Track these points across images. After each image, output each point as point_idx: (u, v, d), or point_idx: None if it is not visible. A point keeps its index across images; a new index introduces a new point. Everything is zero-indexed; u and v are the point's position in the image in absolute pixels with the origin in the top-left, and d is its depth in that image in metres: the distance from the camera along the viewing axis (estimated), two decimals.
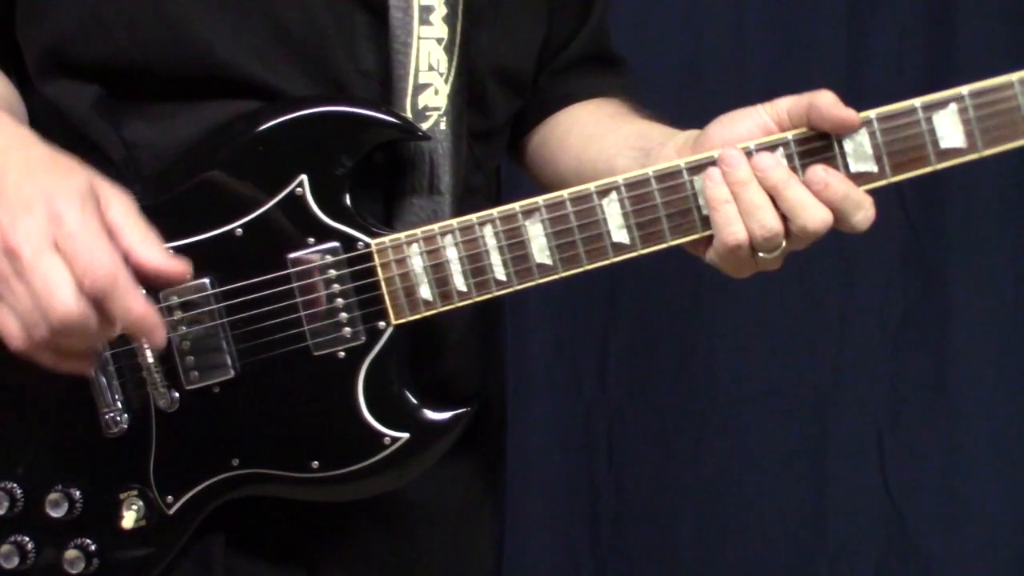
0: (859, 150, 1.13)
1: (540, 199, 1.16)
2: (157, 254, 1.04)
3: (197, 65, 1.17)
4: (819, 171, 1.12)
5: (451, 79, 1.21)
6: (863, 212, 1.13)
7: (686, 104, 2.39)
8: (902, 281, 2.42)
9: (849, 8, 2.37)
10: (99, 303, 1.01)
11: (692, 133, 1.21)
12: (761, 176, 1.11)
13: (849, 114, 1.12)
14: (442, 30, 1.20)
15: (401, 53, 1.20)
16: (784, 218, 1.12)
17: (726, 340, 2.46)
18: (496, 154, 1.37)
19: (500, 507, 1.46)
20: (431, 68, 1.20)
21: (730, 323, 2.46)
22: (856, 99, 2.52)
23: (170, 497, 1.17)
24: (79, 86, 1.19)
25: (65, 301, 0.99)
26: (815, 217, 1.11)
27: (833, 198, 1.11)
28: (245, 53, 1.17)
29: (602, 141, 1.32)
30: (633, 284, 2.45)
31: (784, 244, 1.13)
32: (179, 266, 1.06)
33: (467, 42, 1.22)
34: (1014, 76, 1.13)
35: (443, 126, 1.21)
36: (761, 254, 1.13)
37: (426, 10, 1.20)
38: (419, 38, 1.20)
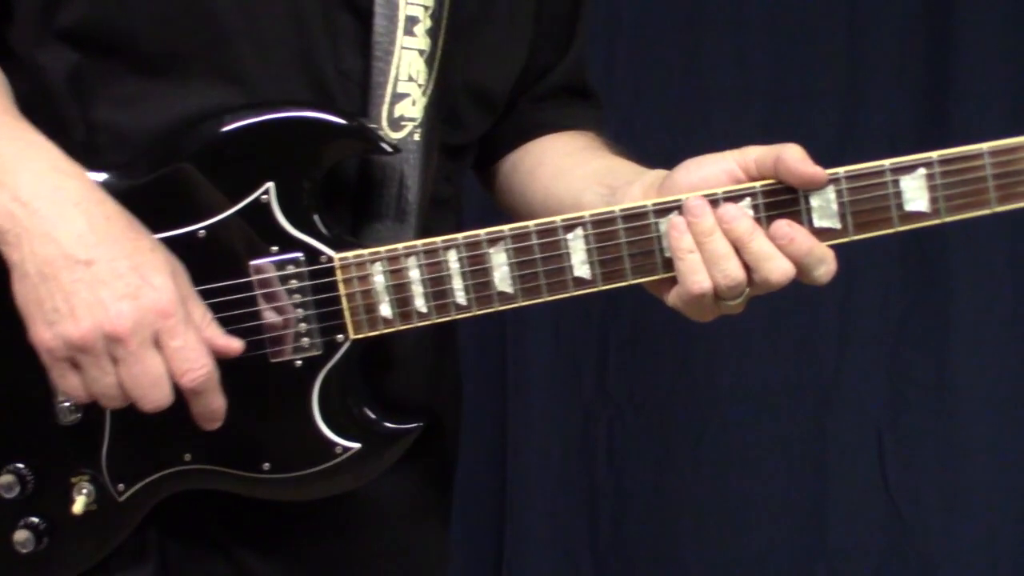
0: (824, 207, 1.13)
1: (506, 228, 1.15)
2: (220, 335, 1.10)
3: (183, 37, 1.15)
4: (784, 226, 1.12)
5: (428, 92, 1.21)
6: (825, 267, 1.14)
7: (686, 105, 2.39)
8: (902, 281, 2.42)
9: (849, 8, 2.37)
10: (185, 395, 1.08)
11: (659, 173, 1.21)
12: (726, 228, 1.12)
13: (815, 171, 1.12)
14: (424, 43, 1.20)
15: (382, 60, 1.20)
16: (747, 267, 1.13)
17: (726, 340, 2.46)
18: (465, 171, 1.38)
19: (447, 517, 1.46)
20: (410, 79, 1.20)
21: (730, 323, 2.44)
22: (856, 100, 2.54)
23: (121, 485, 1.18)
24: (61, 51, 1.18)
25: (164, 396, 1.07)
26: (778, 269, 1.13)
27: (797, 253, 1.12)
28: (235, 28, 1.16)
29: (571, 175, 1.32)
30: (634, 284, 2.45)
31: (748, 291, 1.14)
32: (237, 346, 1.12)
33: (447, 57, 1.22)
34: (984, 146, 1.12)
35: (416, 137, 1.21)
36: (725, 302, 1.15)
37: (411, 21, 1.20)
38: (401, 47, 1.20)
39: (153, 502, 1.19)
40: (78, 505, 1.17)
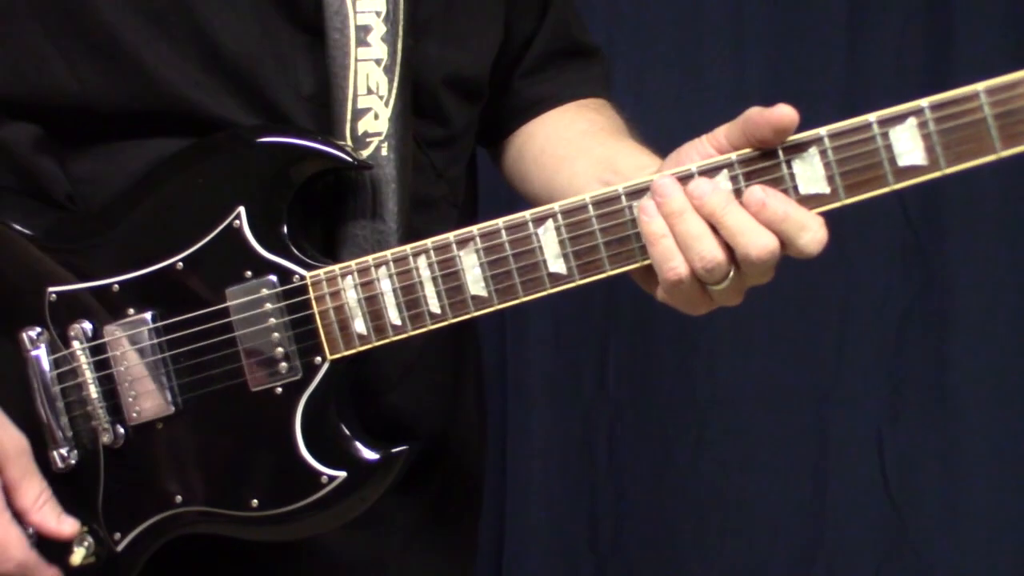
0: (809, 171, 1.04)
1: (475, 228, 1.11)
2: (50, 519, 1.14)
3: (138, 96, 1.15)
4: (756, 191, 1.02)
5: (392, 102, 1.18)
6: (810, 233, 1.02)
7: (685, 105, 2.39)
8: (902, 281, 2.41)
9: (849, 8, 2.37)
10: None
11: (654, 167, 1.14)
12: (697, 204, 1.03)
13: (782, 112, 1.03)
14: (381, 50, 1.17)
15: (339, 76, 1.17)
16: (730, 248, 1.03)
17: (726, 340, 2.46)
18: (459, 159, 1.33)
19: (472, 553, 1.42)
20: (370, 91, 1.17)
21: (730, 323, 2.46)
22: (856, 99, 2.54)
23: (118, 534, 1.16)
24: (19, 126, 1.18)
25: None
26: (756, 243, 1.02)
27: (772, 219, 1.02)
28: (184, 81, 1.15)
29: (573, 166, 1.27)
30: (633, 284, 2.45)
31: (733, 275, 1.04)
32: (68, 530, 1.14)
33: (408, 61, 1.19)
34: (979, 86, 1.01)
35: (384, 151, 1.18)
36: (712, 287, 1.05)
37: (363, 30, 1.16)
38: (356, 60, 1.16)
39: (151, 551, 1.17)
40: (76, 556, 1.16)
